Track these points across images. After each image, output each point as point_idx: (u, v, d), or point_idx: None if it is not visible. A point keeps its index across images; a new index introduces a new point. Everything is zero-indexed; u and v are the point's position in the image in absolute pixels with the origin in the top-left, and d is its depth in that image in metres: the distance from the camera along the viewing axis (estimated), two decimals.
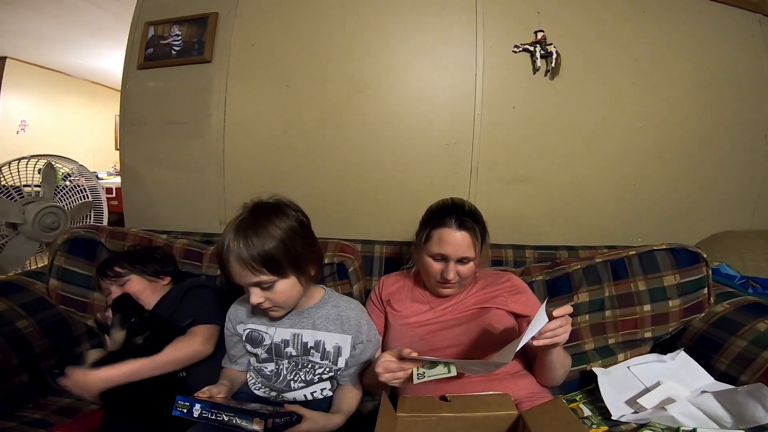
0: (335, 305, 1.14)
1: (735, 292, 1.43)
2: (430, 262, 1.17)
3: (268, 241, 0.95)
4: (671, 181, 1.83)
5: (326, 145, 1.84)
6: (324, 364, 1.09)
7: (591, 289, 1.40)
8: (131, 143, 2.01)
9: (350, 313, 1.13)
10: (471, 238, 1.12)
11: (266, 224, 0.97)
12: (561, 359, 1.05)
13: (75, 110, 5.96)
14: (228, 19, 1.90)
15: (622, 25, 1.77)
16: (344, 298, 1.19)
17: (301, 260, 1.01)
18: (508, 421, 0.87)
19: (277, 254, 0.95)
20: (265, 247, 0.94)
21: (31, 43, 4.60)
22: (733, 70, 1.82)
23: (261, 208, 1.02)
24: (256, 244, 0.94)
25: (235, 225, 0.98)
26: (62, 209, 2.35)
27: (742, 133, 1.85)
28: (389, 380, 0.94)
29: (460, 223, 1.13)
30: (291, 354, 1.08)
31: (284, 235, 0.97)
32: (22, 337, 1.27)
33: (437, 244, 1.14)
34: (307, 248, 1.03)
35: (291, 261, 0.99)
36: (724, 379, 1.18)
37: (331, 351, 1.09)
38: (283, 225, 0.99)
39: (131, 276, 1.29)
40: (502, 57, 1.77)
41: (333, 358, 1.09)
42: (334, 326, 1.10)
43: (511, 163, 1.80)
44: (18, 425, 1.09)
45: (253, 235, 0.94)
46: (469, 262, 1.15)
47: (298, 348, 1.08)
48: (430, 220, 1.19)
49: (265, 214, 1.00)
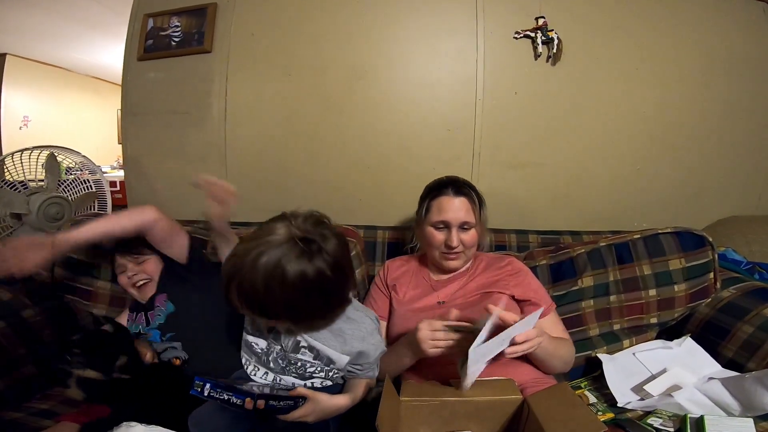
0: (346, 319, 0.99)
1: (741, 277, 1.41)
2: (433, 232, 1.19)
3: (278, 295, 0.79)
4: (676, 166, 1.82)
5: (328, 132, 1.84)
6: (316, 364, 0.98)
7: (595, 273, 1.39)
8: (133, 134, 2.02)
9: (356, 334, 0.98)
10: (469, 203, 1.18)
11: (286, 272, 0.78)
12: (550, 352, 1.04)
13: (77, 105, 5.96)
14: (227, 9, 1.89)
15: (625, 10, 1.75)
16: (359, 310, 1.04)
17: (304, 318, 0.88)
18: (512, 405, 0.87)
19: (280, 313, 0.83)
20: (268, 299, 0.79)
21: (31, 40, 4.59)
22: (737, 56, 1.79)
23: (301, 254, 0.80)
24: (270, 299, 0.79)
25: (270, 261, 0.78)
26: (66, 200, 2.35)
27: (747, 118, 1.82)
28: (428, 339, 0.95)
29: (457, 189, 1.19)
30: (281, 346, 0.99)
31: (300, 290, 0.80)
32: (28, 327, 1.27)
33: (437, 212, 1.18)
34: (324, 304, 0.87)
35: (293, 319, 0.87)
36: (731, 366, 1.17)
37: (324, 357, 0.98)
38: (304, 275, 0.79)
39: (152, 256, 1.28)
40: (503, 43, 1.76)
41: (326, 362, 0.98)
42: (334, 342, 0.97)
43: (513, 148, 1.79)
44: (25, 416, 1.09)
45: (277, 286, 0.78)
46: (471, 228, 1.18)
47: (288, 344, 0.98)
48: (428, 194, 1.25)
49: (300, 257, 0.79)
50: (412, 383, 0.95)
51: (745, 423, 0.90)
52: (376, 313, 1.25)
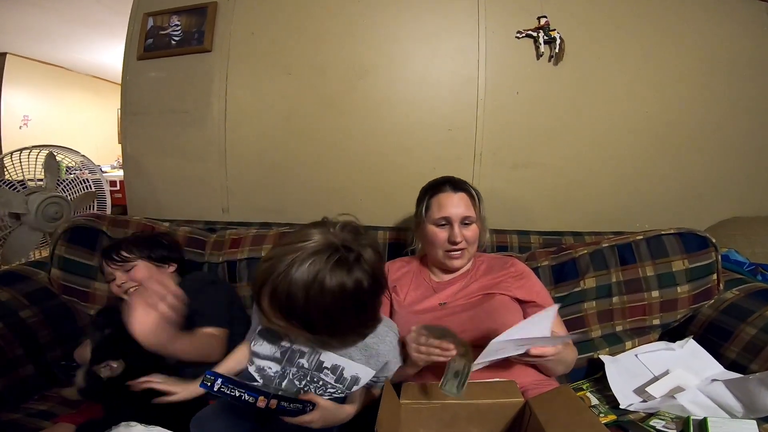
0: (371, 333, 0.97)
1: (744, 278, 1.40)
2: (435, 230, 1.20)
3: (317, 308, 0.77)
4: (678, 166, 1.81)
5: (328, 131, 1.83)
6: (337, 387, 0.95)
7: (598, 275, 1.38)
8: (133, 133, 2.01)
9: (381, 348, 0.97)
10: (468, 198, 1.21)
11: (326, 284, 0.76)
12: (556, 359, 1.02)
13: (77, 105, 5.98)
14: (227, 8, 1.88)
15: (627, 10, 1.74)
16: (382, 327, 0.99)
17: (339, 330, 0.86)
18: (514, 408, 0.86)
19: (316, 323, 0.81)
20: (309, 311, 0.78)
21: (31, 39, 4.60)
22: (739, 56, 1.78)
23: (340, 263, 0.78)
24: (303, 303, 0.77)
25: (304, 270, 0.76)
26: (65, 199, 2.34)
27: (750, 118, 1.81)
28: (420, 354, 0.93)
29: (455, 186, 1.22)
30: (303, 365, 0.95)
31: (339, 305, 0.78)
32: (26, 328, 1.27)
33: (438, 209, 1.19)
34: (353, 317, 0.85)
35: (329, 331, 0.85)
36: (734, 367, 1.16)
37: (347, 378, 0.95)
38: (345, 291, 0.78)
39: (138, 262, 1.25)
40: (504, 43, 1.75)
41: (348, 385, 0.95)
42: (360, 355, 0.96)
43: (515, 148, 1.78)
44: (23, 416, 1.08)
45: (302, 297, 0.76)
46: (472, 223, 1.19)
47: (311, 363, 0.95)
48: (426, 192, 1.26)
49: (336, 273, 0.77)
50: (413, 385, 0.93)
51: (748, 425, 0.89)
52: None
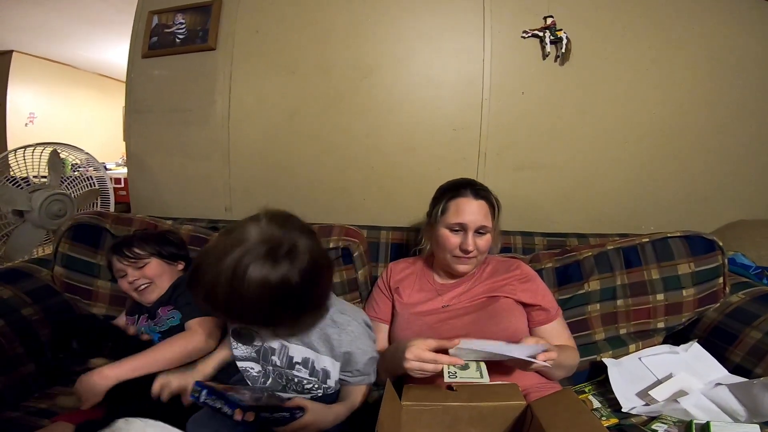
0: (331, 323, 0.97)
1: (751, 282, 1.39)
2: (448, 235, 1.16)
3: (248, 302, 0.76)
4: (685, 169, 1.79)
5: (332, 131, 1.83)
6: (313, 381, 0.98)
7: (602, 277, 1.37)
8: (137, 131, 2.02)
9: (343, 339, 0.96)
10: (488, 207, 1.16)
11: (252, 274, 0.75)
12: (555, 364, 1.01)
13: (83, 102, 6.01)
14: (232, 7, 1.88)
15: (634, 10, 1.72)
16: (345, 314, 1.00)
17: (269, 322, 0.85)
18: (515, 411, 0.85)
19: (242, 315, 0.80)
20: (232, 299, 0.76)
21: (37, 37, 4.63)
22: (748, 57, 1.76)
23: (275, 248, 0.78)
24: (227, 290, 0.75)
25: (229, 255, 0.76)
26: (69, 197, 2.35)
27: (758, 120, 1.79)
28: (415, 369, 0.91)
29: (476, 192, 1.16)
30: (276, 363, 0.99)
31: (271, 296, 0.77)
32: (28, 325, 1.26)
33: (455, 214, 1.14)
34: (292, 310, 0.82)
35: (256, 322, 0.85)
36: (738, 371, 1.15)
37: (319, 371, 0.97)
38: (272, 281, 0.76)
39: (151, 259, 1.24)
40: (510, 43, 1.73)
41: (321, 378, 0.98)
42: (323, 347, 0.97)
43: (520, 149, 1.77)
44: (23, 415, 1.08)
45: (239, 286, 0.74)
46: (486, 233, 1.15)
47: (283, 360, 0.98)
48: (444, 193, 1.20)
49: (270, 256, 0.77)
50: (414, 387, 0.93)
51: (751, 429, 0.88)
52: (377, 316, 1.24)
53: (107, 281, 1.46)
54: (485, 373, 0.91)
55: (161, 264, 1.26)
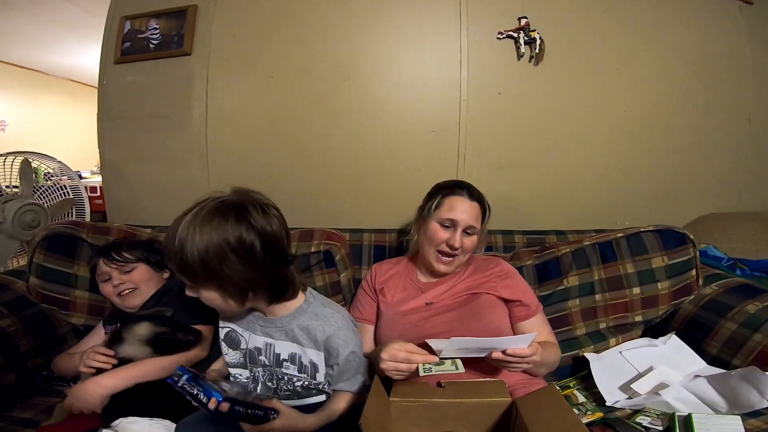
0: (314, 316, 0.99)
1: (723, 273, 1.43)
2: (437, 229, 1.18)
3: (192, 249, 0.82)
4: (657, 165, 1.84)
5: (313, 134, 1.82)
6: (302, 377, 0.99)
7: (580, 273, 1.39)
8: (111, 138, 1.97)
9: (326, 329, 0.98)
10: (479, 210, 1.21)
11: (201, 228, 0.83)
12: (538, 363, 1.02)
13: (56, 109, 5.88)
14: (207, 11, 1.86)
15: (606, 11, 1.76)
16: (327, 309, 1.02)
17: (228, 282, 0.86)
18: (501, 407, 0.86)
19: (194, 265, 0.83)
20: (183, 254, 0.82)
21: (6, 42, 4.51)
22: (716, 56, 1.82)
23: (221, 206, 0.88)
24: (178, 247, 0.83)
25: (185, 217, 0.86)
26: (42, 207, 2.29)
27: (726, 117, 1.85)
28: (391, 370, 0.92)
29: (471, 194, 1.21)
30: (264, 363, 1.01)
31: (214, 248, 0.82)
32: (6, 336, 1.24)
33: (448, 210, 1.18)
34: (241, 272, 0.86)
35: (212, 278, 0.86)
36: (716, 362, 1.18)
37: (308, 365, 0.99)
38: (220, 236, 0.83)
39: (139, 264, 1.24)
40: (486, 44, 1.76)
41: (311, 373, 0.99)
42: (306, 339, 0.98)
43: (498, 148, 1.79)
44: (7, 425, 1.07)
45: (190, 234, 0.82)
46: (474, 234, 1.19)
47: (270, 358, 1.00)
48: (440, 190, 1.24)
49: (212, 214, 0.86)
50: (404, 383, 0.94)
51: (733, 420, 0.90)
52: (362, 317, 1.25)
53: (85, 291, 1.43)
54: (460, 365, 0.93)
55: (149, 270, 1.26)
